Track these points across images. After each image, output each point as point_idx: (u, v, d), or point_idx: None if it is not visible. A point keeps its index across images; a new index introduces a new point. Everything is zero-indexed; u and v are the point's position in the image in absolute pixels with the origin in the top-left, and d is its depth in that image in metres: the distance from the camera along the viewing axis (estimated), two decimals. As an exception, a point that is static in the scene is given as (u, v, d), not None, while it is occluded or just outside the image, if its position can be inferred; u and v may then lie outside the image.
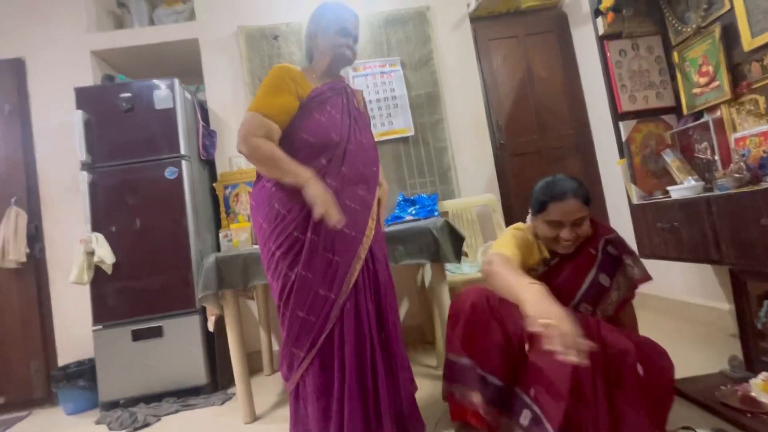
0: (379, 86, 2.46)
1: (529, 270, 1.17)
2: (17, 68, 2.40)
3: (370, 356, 1.14)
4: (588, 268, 1.15)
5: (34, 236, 2.30)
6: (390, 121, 2.47)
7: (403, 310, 2.44)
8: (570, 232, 1.12)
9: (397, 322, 1.27)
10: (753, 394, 1.15)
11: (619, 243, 1.20)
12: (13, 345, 2.25)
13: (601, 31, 1.85)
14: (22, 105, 2.38)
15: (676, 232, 1.54)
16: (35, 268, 2.30)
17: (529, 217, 1.24)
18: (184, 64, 2.69)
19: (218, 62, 2.50)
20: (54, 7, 2.45)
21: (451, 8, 2.58)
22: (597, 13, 1.84)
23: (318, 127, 1.19)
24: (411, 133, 2.46)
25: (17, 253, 2.22)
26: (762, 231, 1.19)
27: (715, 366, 1.41)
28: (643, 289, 1.21)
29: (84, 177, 2.05)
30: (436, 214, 2.16)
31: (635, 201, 1.79)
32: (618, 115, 1.85)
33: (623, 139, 1.83)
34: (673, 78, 1.82)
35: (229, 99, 2.47)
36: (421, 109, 2.49)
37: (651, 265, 1.88)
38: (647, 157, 1.83)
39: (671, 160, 1.75)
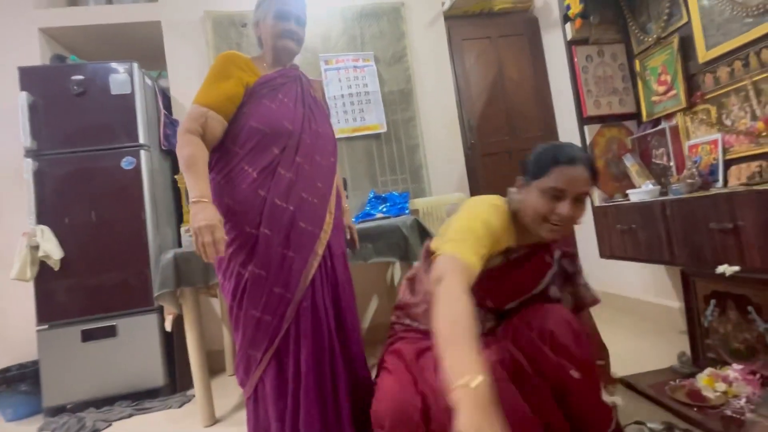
0: (351, 81, 2.42)
1: (489, 261, 0.93)
2: (-48, 43, 2.18)
3: (329, 356, 1.11)
4: (542, 276, 1.04)
5: (-29, 228, 2.11)
6: (362, 116, 2.43)
7: (372, 307, 2.42)
8: (569, 207, 0.90)
9: (356, 322, 1.24)
10: (699, 388, 1.21)
11: (575, 259, 1.10)
12: (-55, 347, 2.06)
13: (569, 37, 1.90)
14: (-42, 84, 2.16)
15: (633, 233, 1.61)
16: (-29, 262, 2.11)
17: (513, 188, 1.01)
18: (145, 48, 2.53)
19: (182, 48, 2.37)
20: (-3, -22, 2.25)
21: (426, 5, 2.57)
22: (566, 18, 1.88)
23: (269, 114, 1.13)
24: (383, 129, 2.44)
25: (-50, 246, 2.02)
26: (710, 234, 1.26)
27: (666, 361, 1.48)
28: (597, 287, 1.23)
29: (28, 165, 1.90)
30: (406, 212, 2.15)
31: (597, 203, 1.86)
32: (583, 119, 1.91)
33: (588, 142, 1.90)
34: (635, 85, 1.90)
35: (194, 87, 2.27)
36: (393, 105, 2.47)
37: (610, 264, 1.96)
38: (610, 161, 1.90)
39: (631, 164, 1.83)
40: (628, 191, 1.70)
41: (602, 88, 1.90)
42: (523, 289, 1.03)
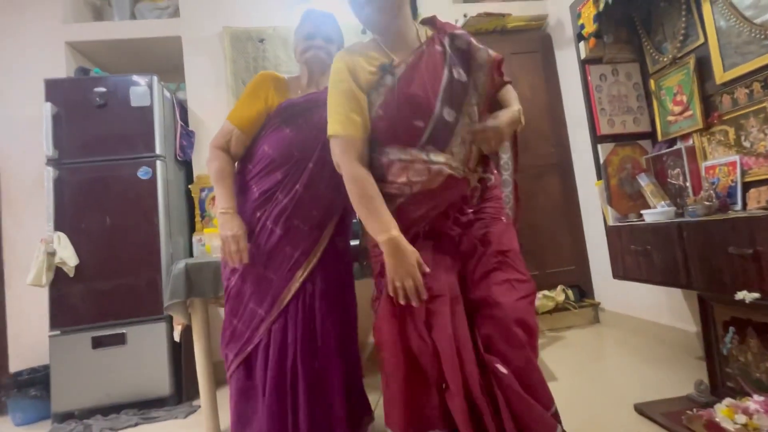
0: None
1: (369, 86, 0.98)
2: (-16, 55, 2.28)
3: (291, 384, 1.12)
4: (440, 68, 0.97)
5: (-8, 233, 2.17)
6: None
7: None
8: None
9: (333, 359, 1.18)
10: (717, 419, 1.16)
11: (465, 37, 1.03)
12: (-40, 349, 2.10)
13: (583, 55, 1.89)
14: (-13, 94, 2.25)
15: (648, 255, 1.57)
16: (-10, 266, 2.17)
17: None
18: (165, 61, 2.61)
19: (201, 62, 2.44)
20: (29, -5, 2.35)
21: (440, 23, 2.60)
22: (580, 37, 1.88)
23: (282, 140, 1.18)
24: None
25: (-29, 250, 2.08)
26: (729, 259, 1.23)
27: (682, 389, 1.43)
28: (611, 307, 1.20)
29: (49, 173, 1.95)
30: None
31: (611, 222, 1.83)
32: (597, 138, 1.89)
33: (601, 161, 1.87)
34: (650, 105, 1.88)
35: (211, 100, 2.41)
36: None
37: (623, 284, 1.92)
38: (623, 180, 1.88)
39: (645, 184, 1.80)
40: (642, 211, 1.67)
41: (616, 106, 1.89)
42: (429, 91, 0.95)
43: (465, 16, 2.55)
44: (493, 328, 0.92)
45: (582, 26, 1.85)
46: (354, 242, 1.41)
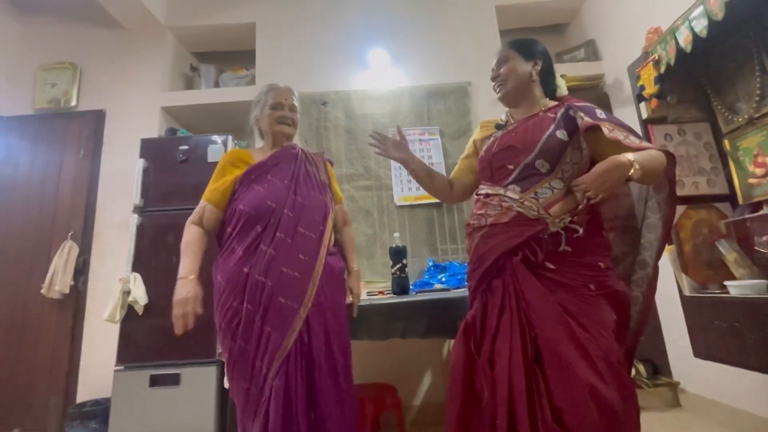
0: (417, 153, 2.51)
1: (484, 139, 1.26)
2: (98, 118, 2.71)
3: None
4: (546, 127, 1.12)
5: (81, 270, 2.44)
6: (425, 185, 2.50)
7: (425, 385, 2.28)
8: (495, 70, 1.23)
9: (334, 402, 1.16)
10: None
11: (574, 105, 1.13)
12: (40, 376, 2.30)
13: (644, 116, 1.84)
14: (95, 150, 2.65)
15: (737, 334, 1.38)
16: (75, 300, 2.41)
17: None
18: (240, 121, 2.90)
19: (270, 122, 2.70)
20: (138, 69, 2.81)
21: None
22: (640, 98, 1.85)
23: (255, 196, 1.25)
24: (445, 198, 2.48)
25: (63, 284, 2.35)
26: None
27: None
28: (695, 389, 1.05)
29: (134, 219, 2.20)
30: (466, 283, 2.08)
31: (687, 292, 1.65)
32: (665, 200, 1.77)
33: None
34: (725, 165, 1.75)
35: None
36: (457, 176, 2.52)
37: (705, 363, 1.67)
38: (700, 246, 1.71)
39: (727, 251, 1.63)
40: (726, 282, 1.50)
41: (685, 167, 1.78)
42: (529, 142, 1.12)
43: (517, 77, 2.61)
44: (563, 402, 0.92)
45: (642, 87, 1.82)
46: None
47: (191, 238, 1.28)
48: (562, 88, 1.32)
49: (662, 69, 1.65)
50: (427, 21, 2.84)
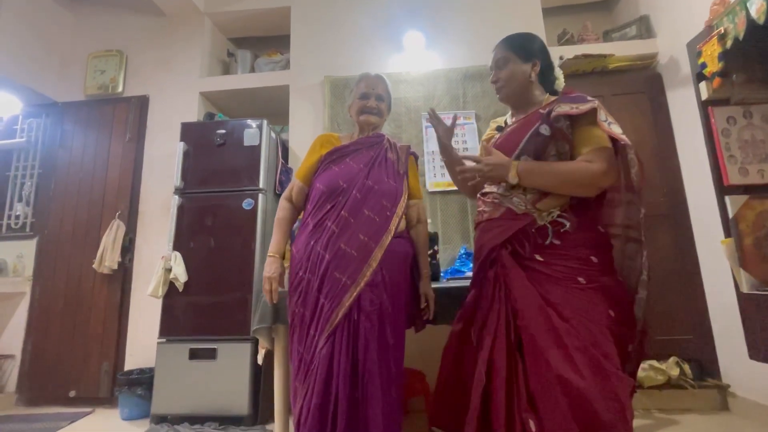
0: (451, 137, 2.47)
1: (488, 141, 1.32)
2: (142, 104, 2.83)
3: (332, 412, 1.11)
4: (533, 124, 1.15)
5: (127, 248, 2.59)
6: (459, 171, 2.44)
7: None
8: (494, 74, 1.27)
9: (379, 383, 1.15)
10: None
11: (559, 101, 1.13)
12: (92, 345, 2.49)
13: (704, 96, 1.69)
14: (140, 135, 2.78)
15: (803, 337, 1.26)
16: (122, 276, 2.57)
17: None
18: (274, 106, 2.97)
19: (303, 107, 2.72)
20: (178, 56, 2.90)
21: (532, 65, 2.56)
22: (700, 77, 1.69)
23: (330, 176, 1.34)
24: (479, 185, 2.41)
25: (112, 260, 2.50)
26: None
27: None
28: (746, 393, 0.98)
29: (175, 200, 2.29)
30: (499, 273, 2.02)
31: (745, 289, 1.53)
32: (724, 188, 1.63)
33: (730, 215, 1.60)
34: (798, 152, 1.58)
35: (309, 141, 2.55)
36: (492, 162, 2.44)
37: (763, 366, 1.55)
38: (762, 240, 1.57)
39: (795, 247, 1.48)
40: (792, 281, 1.36)
41: (750, 153, 1.62)
42: (515, 139, 1.17)
43: (561, 58, 2.47)
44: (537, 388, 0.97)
45: (704, 65, 1.66)
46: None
47: (282, 215, 1.42)
48: (560, 80, 1.31)
49: (728, 44, 1.50)
50: (464, 0, 2.73)
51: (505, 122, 1.32)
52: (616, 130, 1.04)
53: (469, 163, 1.19)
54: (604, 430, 0.86)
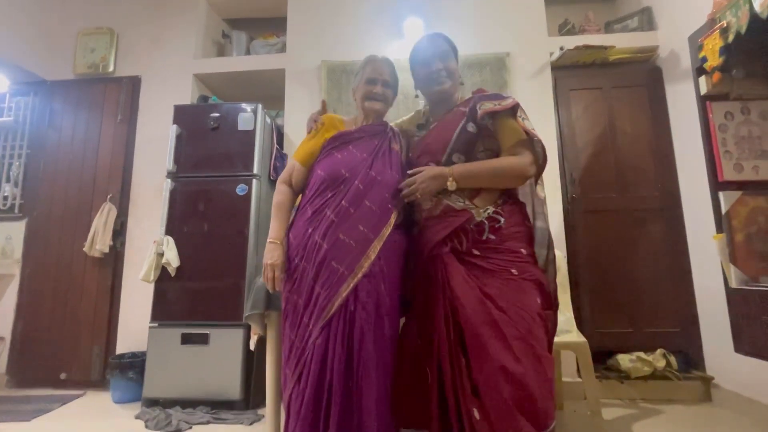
0: (448, 126, 2.45)
1: (413, 137, 1.36)
2: (134, 84, 2.77)
3: (326, 402, 1.11)
4: (458, 123, 1.22)
5: (119, 231, 2.56)
6: (455, 161, 2.42)
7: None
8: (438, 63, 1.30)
9: (374, 373, 1.15)
10: None
11: (477, 99, 1.22)
12: (84, 327, 2.48)
13: (703, 91, 1.68)
14: (132, 116, 2.72)
15: (788, 332, 1.29)
16: (114, 259, 2.55)
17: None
18: (270, 90, 2.91)
19: (299, 91, 2.67)
20: (171, 35, 2.82)
21: (532, 56, 2.53)
22: (700, 71, 1.68)
23: (333, 163, 1.29)
24: (475, 176, 2.39)
25: (103, 244, 2.47)
26: None
27: None
28: (729, 385, 1.00)
29: (167, 184, 2.26)
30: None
31: (734, 284, 1.55)
32: (718, 184, 1.64)
33: (723, 211, 1.61)
34: (793, 149, 1.59)
35: (304, 126, 2.59)
36: (489, 152, 2.42)
37: (747, 361, 1.58)
38: (753, 236, 1.59)
39: (785, 243, 1.49)
40: (780, 277, 1.38)
41: (746, 149, 1.63)
42: (443, 139, 1.23)
43: (561, 49, 2.44)
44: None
45: (704, 59, 1.65)
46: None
47: (281, 199, 1.35)
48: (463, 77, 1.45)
49: (730, 38, 1.48)
50: (465, -14, 2.68)
51: (427, 119, 1.36)
52: (529, 125, 1.18)
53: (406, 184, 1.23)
54: (538, 410, 0.97)
